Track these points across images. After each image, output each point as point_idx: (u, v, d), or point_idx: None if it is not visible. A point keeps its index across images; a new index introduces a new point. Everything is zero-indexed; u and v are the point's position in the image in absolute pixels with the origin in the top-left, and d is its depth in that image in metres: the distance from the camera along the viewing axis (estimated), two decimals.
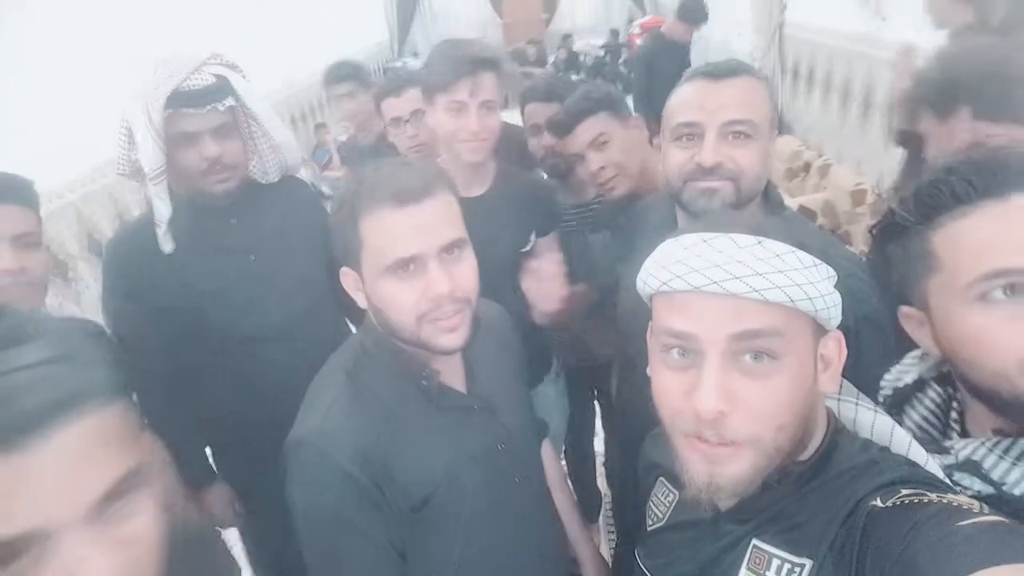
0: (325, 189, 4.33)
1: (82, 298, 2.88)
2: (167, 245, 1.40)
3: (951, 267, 0.70)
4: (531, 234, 1.64)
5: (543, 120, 1.91)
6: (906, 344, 0.88)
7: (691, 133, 1.10)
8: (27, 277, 1.16)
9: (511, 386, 1.11)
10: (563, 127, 1.62)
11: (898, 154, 1.75)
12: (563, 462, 2.21)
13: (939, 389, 0.83)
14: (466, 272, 0.93)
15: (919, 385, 0.86)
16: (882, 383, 0.93)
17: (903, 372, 0.90)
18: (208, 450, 1.70)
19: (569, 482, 1.78)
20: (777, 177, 4.29)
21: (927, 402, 0.84)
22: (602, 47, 9.94)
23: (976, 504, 0.59)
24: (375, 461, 0.91)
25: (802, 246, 0.67)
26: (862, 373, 0.92)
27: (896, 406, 0.88)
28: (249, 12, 4.81)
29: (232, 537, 1.74)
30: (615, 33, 10.45)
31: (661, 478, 0.88)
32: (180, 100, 1.31)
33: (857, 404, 0.76)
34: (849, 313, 1.05)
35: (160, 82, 1.30)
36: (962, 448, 0.74)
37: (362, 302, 0.97)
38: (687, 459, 0.68)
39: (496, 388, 1.06)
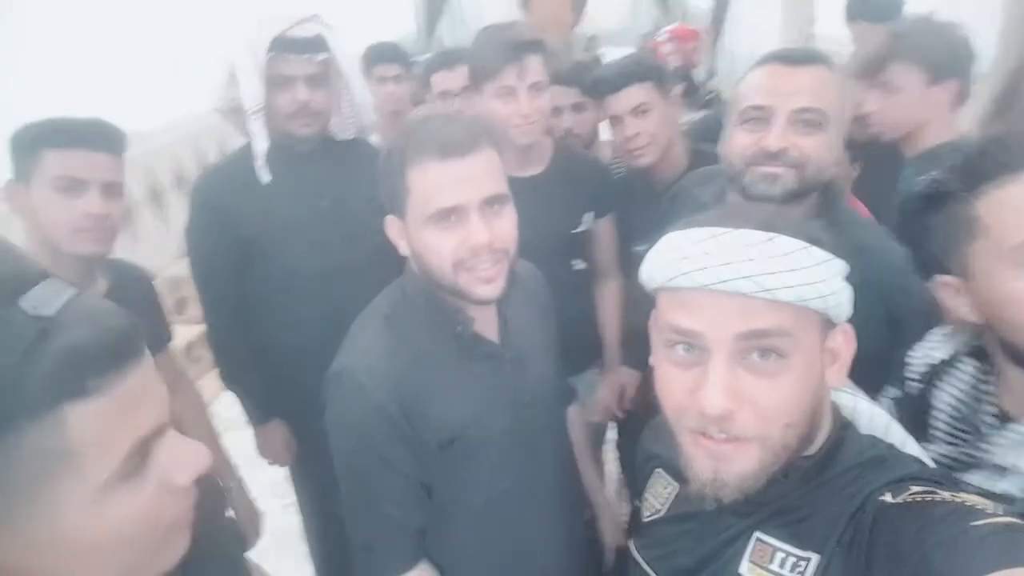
0: None
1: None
2: (264, 176, 1.51)
3: (997, 231, 0.71)
4: (585, 214, 1.63)
5: (564, 103, 1.92)
6: None
7: (759, 117, 1.07)
8: (109, 223, 1.21)
9: (541, 342, 1.12)
10: (610, 85, 1.60)
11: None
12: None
13: (975, 363, 0.84)
14: (506, 225, 0.95)
15: (952, 361, 0.87)
16: (910, 360, 0.94)
17: (932, 349, 0.91)
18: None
19: None
20: None
21: (962, 375, 0.85)
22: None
23: (989, 504, 0.58)
24: (408, 397, 0.94)
25: (815, 241, 0.64)
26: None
27: (929, 382, 0.89)
28: (276, 3, 4.84)
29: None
30: (647, 38, 10.46)
31: (659, 469, 0.86)
32: (283, 45, 1.44)
33: (855, 395, 0.75)
34: (903, 308, 1.08)
35: (268, 27, 1.44)
36: None
37: (404, 249, 0.99)
38: (692, 455, 0.66)
39: (527, 342, 1.07)
